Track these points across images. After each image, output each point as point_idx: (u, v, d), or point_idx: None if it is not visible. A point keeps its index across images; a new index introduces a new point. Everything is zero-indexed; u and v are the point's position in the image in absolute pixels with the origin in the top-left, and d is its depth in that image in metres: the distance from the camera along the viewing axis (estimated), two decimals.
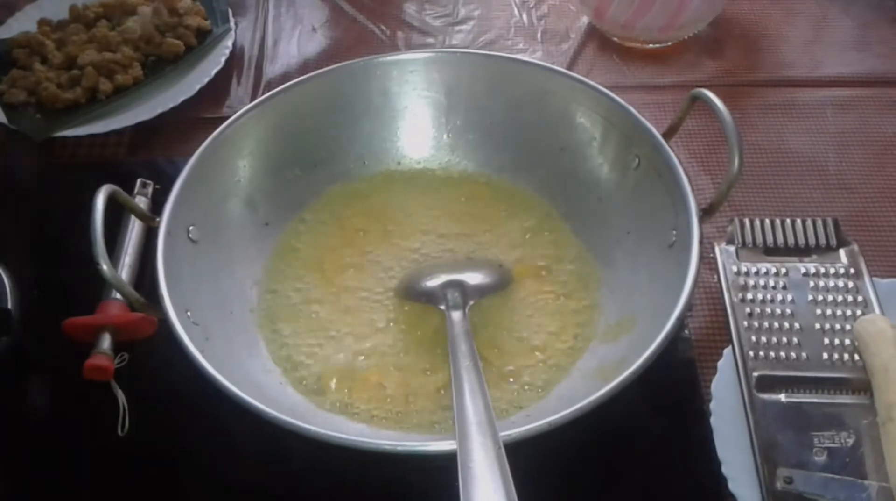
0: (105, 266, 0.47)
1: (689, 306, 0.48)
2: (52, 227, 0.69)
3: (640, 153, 0.57)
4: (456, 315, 0.52)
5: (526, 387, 0.53)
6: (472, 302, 0.54)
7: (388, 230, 0.62)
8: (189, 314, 0.50)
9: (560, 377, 0.53)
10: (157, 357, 0.55)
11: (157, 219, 0.53)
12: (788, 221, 0.61)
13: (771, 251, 0.59)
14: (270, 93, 0.61)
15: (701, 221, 0.51)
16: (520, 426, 0.43)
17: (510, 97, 0.63)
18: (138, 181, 0.67)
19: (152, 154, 0.74)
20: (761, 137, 0.72)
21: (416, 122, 0.66)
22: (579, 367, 0.53)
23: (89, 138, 0.74)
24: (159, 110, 0.74)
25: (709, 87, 0.55)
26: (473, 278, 0.57)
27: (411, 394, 0.52)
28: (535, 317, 0.57)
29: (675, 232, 0.52)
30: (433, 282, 0.56)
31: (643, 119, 0.57)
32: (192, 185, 0.56)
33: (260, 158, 0.61)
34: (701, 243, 0.50)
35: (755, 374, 0.53)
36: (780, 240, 0.60)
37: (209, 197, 0.58)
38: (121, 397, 0.55)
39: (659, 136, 0.55)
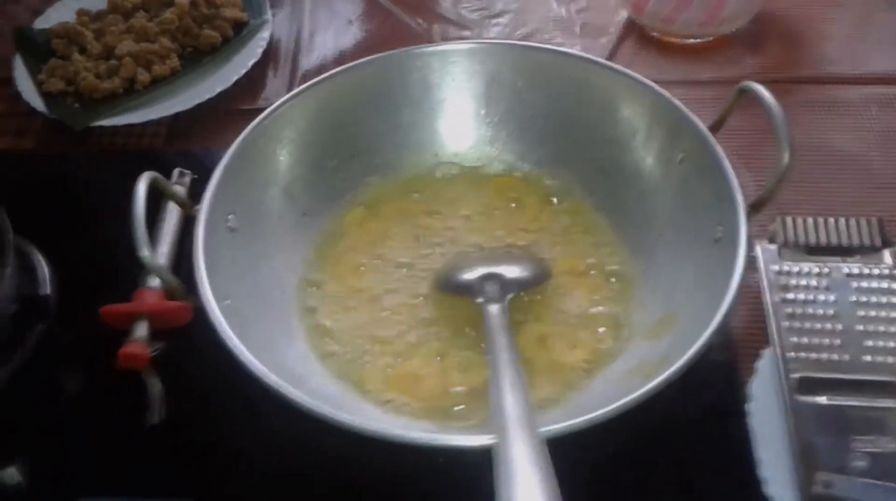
0: (147, 252, 0.47)
1: (735, 305, 0.46)
2: (89, 214, 0.69)
3: (685, 147, 0.56)
4: (494, 309, 0.50)
5: (565, 384, 0.52)
6: (510, 295, 0.52)
7: (426, 223, 0.61)
8: (228, 302, 0.49)
9: (600, 374, 0.52)
10: (193, 346, 0.54)
11: (197, 207, 0.53)
12: (832, 220, 0.59)
13: (813, 251, 0.58)
14: (311, 82, 0.60)
15: (749, 217, 0.50)
16: (559, 423, 0.42)
17: (552, 90, 0.62)
18: (176, 171, 0.66)
19: (189, 145, 0.73)
20: (803, 134, 0.69)
21: (455, 114, 0.65)
22: (620, 365, 0.52)
23: (127, 128, 0.74)
24: (196, 101, 0.74)
25: None
26: (512, 270, 0.55)
27: (449, 388, 0.52)
28: (573, 312, 0.56)
29: (720, 228, 0.51)
30: (471, 275, 0.54)
31: (689, 113, 0.55)
32: (231, 173, 0.55)
33: (299, 148, 0.61)
34: (749, 239, 0.49)
35: (795, 376, 0.51)
36: (823, 239, 0.58)
37: (248, 186, 0.57)
38: (157, 385, 0.55)
39: (706, 130, 0.54)
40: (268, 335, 0.51)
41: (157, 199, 0.56)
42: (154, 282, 0.58)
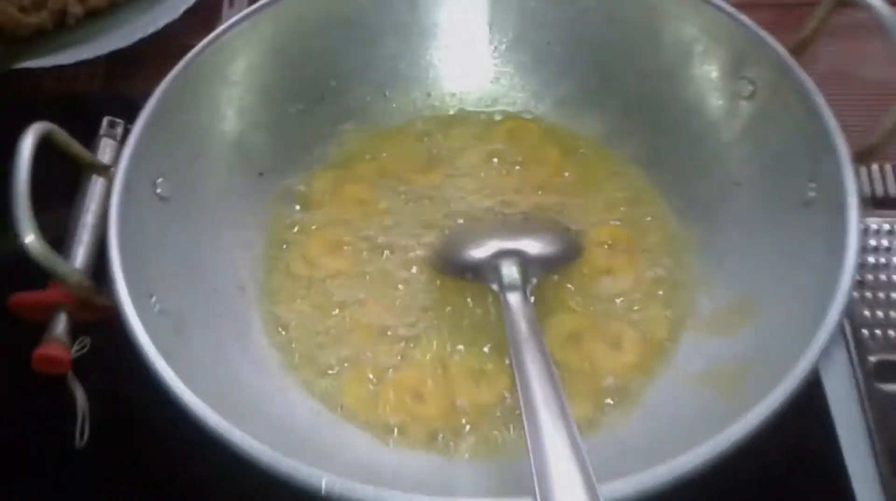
0: (31, 237, 0.39)
1: (852, 291, 0.37)
2: (3, 180, 0.61)
3: (755, 77, 0.48)
4: (515, 298, 0.42)
5: (608, 397, 0.43)
6: (535, 280, 0.45)
7: (417, 184, 0.53)
8: (154, 299, 0.41)
9: (654, 382, 0.44)
10: (126, 343, 0.46)
11: (113, 169, 0.44)
12: None
13: (881, 204, 0.53)
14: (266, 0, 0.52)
15: (856, 169, 0.41)
16: (608, 459, 0.36)
17: (575, 7, 0.54)
18: (105, 120, 0.57)
19: (130, 89, 0.66)
20: None
21: (451, 41, 0.57)
22: (679, 367, 0.44)
23: (57, 71, 0.67)
24: (138, 36, 0.67)
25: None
26: (534, 245, 0.47)
27: (458, 407, 0.44)
28: (614, 299, 0.47)
29: (812, 185, 0.43)
30: (481, 251, 0.46)
31: (761, 31, 0.47)
32: (161, 123, 0.47)
33: (252, 89, 0.53)
34: (859, 198, 0.40)
35: (872, 359, 0.47)
36: (893, 190, 0.54)
37: (185, 140, 0.49)
38: (80, 395, 0.48)
39: (785, 52, 0.46)
40: (212, 338, 0.44)
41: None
42: (77, 264, 0.49)
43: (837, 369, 0.47)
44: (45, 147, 0.43)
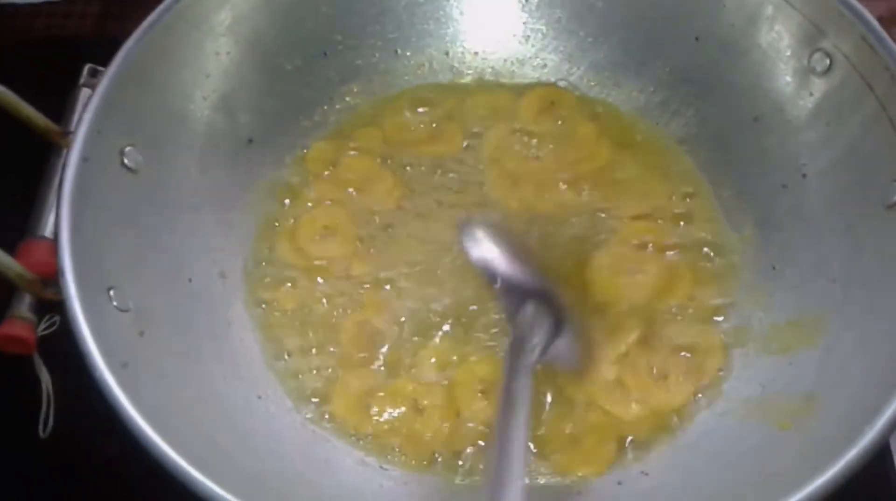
0: None
1: None
2: None
3: (834, 49, 0.42)
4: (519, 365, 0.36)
5: (629, 437, 0.39)
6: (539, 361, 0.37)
7: (429, 161, 0.49)
8: (112, 293, 0.36)
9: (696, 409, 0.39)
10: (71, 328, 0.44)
11: (70, 134, 0.39)
12: None
13: None
14: None
15: None
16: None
17: None
18: (86, 68, 0.53)
19: (124, 31, 0.61)
20: None
21: None
22: (725, 391, 0.39)
23: (48, 7, 0.65)
24: None
25: None
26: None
27: (459, 423, 0.40)
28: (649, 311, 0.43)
29: None
30: (522, 280, 0.39)
31: None
32: (133, 80, 0.42)
33: (242, 40, 0.48)
34: None
35: None
36: None
37: (160, 99, 0.44)
38: (45, 380, 0.46)
39: (874, 21, 0.40)
40: (183, 338, 0.40)
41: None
42: (46, 231, 0.47)
43: None
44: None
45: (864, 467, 0.31)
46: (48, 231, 0.47)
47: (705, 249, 0.45)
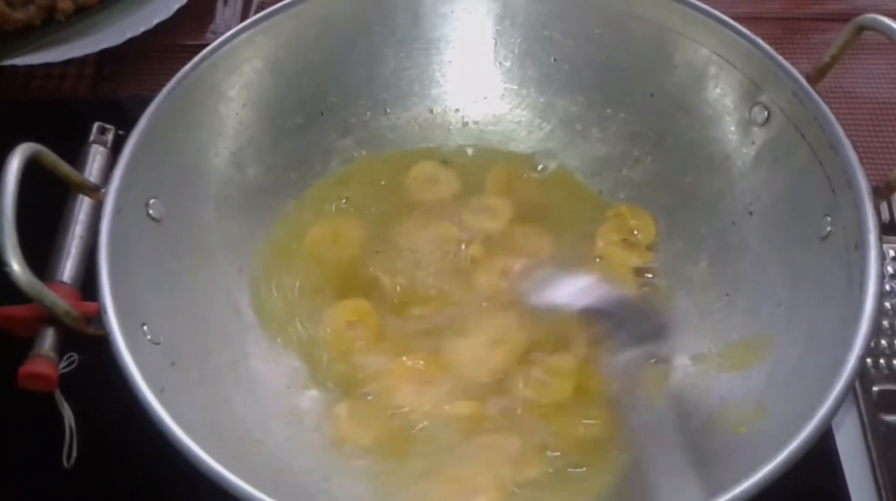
0: (16, 266, 0.36)
1: (872, 334, 0.36)
2: None
3: (770, 103, 0.47)
4: None
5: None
6: None
7: (422, 206, 0.52)
8: (146, 328, 0.40)
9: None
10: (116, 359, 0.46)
11: (104, 190, 0.42)
12: None
13: (889, 230, 0.53)
14: (268, 10, 0.50)
15: (875, 204, 0.40)
16: None
17: (583, 25, 0.53)
18: (95, 126, 0.55)
19: (119, 90, 0.65)
20: None
21: (455, 57, 0.55)
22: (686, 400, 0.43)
23: (45, 69, 0.66)
24: (129, 35, 0.66)
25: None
26: None
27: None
28: None
29: (829, 219, 0.42)
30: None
31: (778, 55, 0.46)
32: (153, 142, 0.45)
33: (250, 103, 0.51)
34: (879, 236, 0.39)
35: (875, 389, 0.47)
36: None
37: (179, 156, 0.47)
38: (67, 415, 0.47)
39: (802, 79, 0.44)
40: (208, 367, 0.43)
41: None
42: (66, 275, 0.49)
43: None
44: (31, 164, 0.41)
45: (805, 455, 0.35)
46: (66, 276, 0.48)
47: (663, 280, 0.48)
